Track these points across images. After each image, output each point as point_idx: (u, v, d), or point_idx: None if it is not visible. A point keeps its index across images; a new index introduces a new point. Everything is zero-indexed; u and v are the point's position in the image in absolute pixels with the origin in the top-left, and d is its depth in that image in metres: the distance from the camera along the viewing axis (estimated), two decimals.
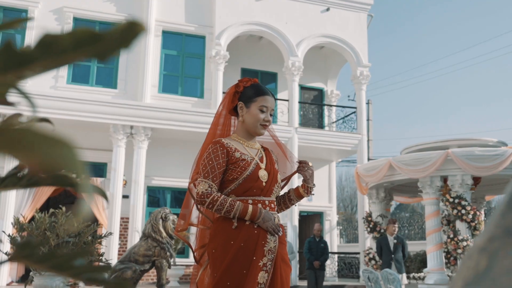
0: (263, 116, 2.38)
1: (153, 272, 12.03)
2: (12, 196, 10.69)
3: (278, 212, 2.43)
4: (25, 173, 0.75)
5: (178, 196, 13.57)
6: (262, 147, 2.51)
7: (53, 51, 0.33)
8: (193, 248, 2.39)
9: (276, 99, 12.37)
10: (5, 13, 12.41)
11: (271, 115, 2.43)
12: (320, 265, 9.31)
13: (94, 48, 0.34)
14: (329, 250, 14.83)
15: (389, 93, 71.01)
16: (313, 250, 9.35)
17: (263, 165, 2.37)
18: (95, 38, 0.33)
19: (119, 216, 11.45)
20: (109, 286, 0.55)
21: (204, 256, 2.43)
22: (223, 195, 2.24)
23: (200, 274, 2.42)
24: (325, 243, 9.64)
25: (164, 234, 6.28)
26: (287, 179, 2.61)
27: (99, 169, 12.54)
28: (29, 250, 0.52)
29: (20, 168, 0.67)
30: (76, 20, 12.49)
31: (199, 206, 2.33)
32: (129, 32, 0.33)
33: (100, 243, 5.80)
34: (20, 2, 12.18)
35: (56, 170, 0.27)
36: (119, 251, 11.67)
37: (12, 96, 0.35)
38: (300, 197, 2.51)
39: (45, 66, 0.35)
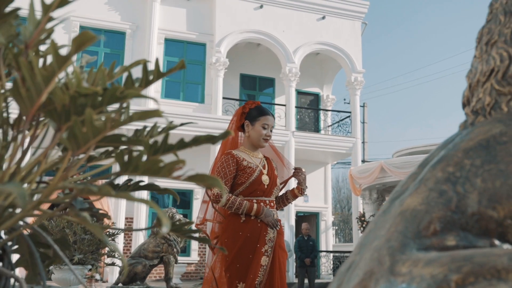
0: (265, 132, 2.96)
1: (155, 270, 12.58)
2: None
3: (277, 209, 3.01)
4: (132, 182, 1.35)
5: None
6: (264, 156, 3.08)
7: (186, 145, 0.90)
8: (210, 237, 2.97)
9: (273, 104, 12.79)
10: None
11: (271, 131, 3.00)
12: (310, 262, 9.87)
13: (210, 140, 0.90)
14: (325, 249, 15.43)
15: (386, 96, 71.63)
16: (303, 248, 9.91)
17: (265, 172, 2.94)
18: (212, 137, 0.90)
19: (124, 216, 12.02)
20: (195, 239, 1.12)
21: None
22: (233, 196, 2.83)
23: (214, 260, 2.99)
24: (314, 241, 10.21)
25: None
26: (285, 182, 3.19)
27: (104, 172, 13.09)
28: (158, 222, 1.08)
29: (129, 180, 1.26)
30: (82, 28, 13.03)
31: (214, 204, 2.90)
32: (225, 134, 0.89)
33: (113, 239, 6.35)
34: (27, 11, 12.71)
35: (212, 187, 0.82)
36: (123, 249, 12.22)
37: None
38: (295, 196, 3.10)
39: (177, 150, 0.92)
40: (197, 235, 1.09)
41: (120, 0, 13.44)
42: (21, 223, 1.00)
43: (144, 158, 0.88)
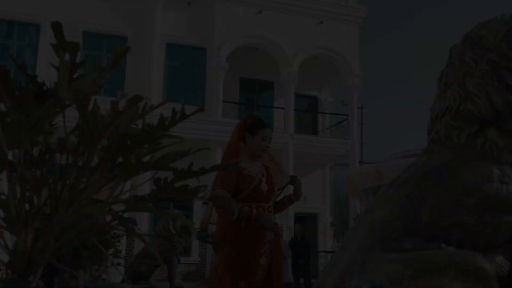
0: (264, 143, 3.23)
1: (157, 270, 12.83)
2: None
3: (275, 214, 3.29)
4: (153, 196, 1.62)
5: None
6: (263, 165, 3.36)
7: (206, 171, 1.17)
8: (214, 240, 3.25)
9: (272, 107, 13.02)
10: (18, 27, 13.22)
11: (269, 142, 3.28)
12: (304, 263, 10.05)
13: (224, 168, 1.18)
14: (323, 250, 15.70)
15: (384, 98, 71.99)
16: (297, 249, 10.08)
17: (264, 179, 3.22)
18: (227, 165, 1.17)
19: None
20: (210, 243, 1.40)
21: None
22: (235, 201, 3.10)
23: (216, 259, 3.27)
24: (308, 241, 10.40)
25: (174, 233, 7.10)
26: (282, 189, 3.47)
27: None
28: (185, 230, 1.37)
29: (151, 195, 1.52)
30: (85, 33, 13.31)
31: (217, 209, 3.18)
32: (235, 164, 1.16)
33: (119, 241, 6.63)
34: (32, 17, 13.00)
35: (226, 206, 1.09)
36: (126, 250, 12.48)
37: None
38: (291, 202, 3.38)
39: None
40: (210, 239, 1.36)
41: (122, 5, 13.71)
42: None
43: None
